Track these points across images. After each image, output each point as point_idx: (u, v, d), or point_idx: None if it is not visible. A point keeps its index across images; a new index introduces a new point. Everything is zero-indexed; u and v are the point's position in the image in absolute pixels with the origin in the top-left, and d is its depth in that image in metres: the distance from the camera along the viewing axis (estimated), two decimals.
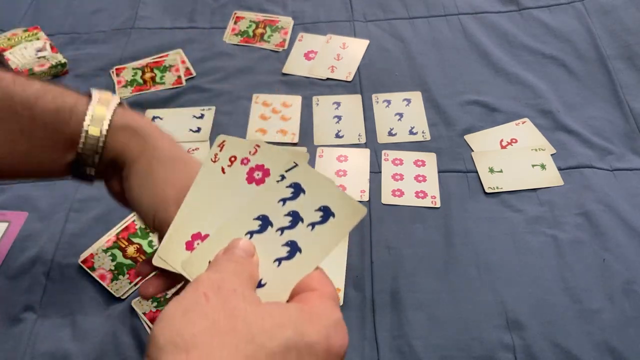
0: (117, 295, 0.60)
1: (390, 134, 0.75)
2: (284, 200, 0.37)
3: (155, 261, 0.38)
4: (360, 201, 0.67)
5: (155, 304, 0.59)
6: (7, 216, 0.67)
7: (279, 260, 0.35)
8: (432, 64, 0.84)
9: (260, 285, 0.35)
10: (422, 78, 0.82)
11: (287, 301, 0.34)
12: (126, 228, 0.65)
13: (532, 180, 0.69)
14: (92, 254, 0.63)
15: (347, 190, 0.69)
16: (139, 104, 0.79)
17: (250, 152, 0.40)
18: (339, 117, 0.78)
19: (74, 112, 0.42)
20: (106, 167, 0.44)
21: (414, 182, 0.69)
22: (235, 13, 0.93)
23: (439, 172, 0.70)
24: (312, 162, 0.72)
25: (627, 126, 0.75)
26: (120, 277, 0.61)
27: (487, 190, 0.68)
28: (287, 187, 0.37)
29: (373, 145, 0.74)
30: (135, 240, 0.64)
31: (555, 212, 0.66)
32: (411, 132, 0.75)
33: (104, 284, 0.61)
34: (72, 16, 0.94)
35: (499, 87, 0.80)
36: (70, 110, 0.42)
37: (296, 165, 0.38)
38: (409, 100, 0.79)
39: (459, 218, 0.66)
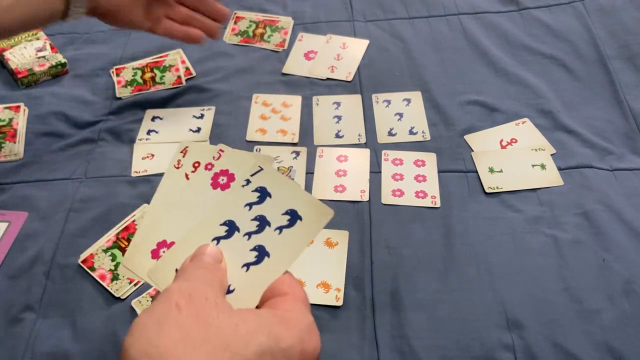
0: (117, 295, 0.60)
1: (390, 134, 0.75)
2: (250, 205, 0.37)
3: (121, 270, 0.38)
4: (360, 201, 0.67)
5: None
6: (7, 216, 0.67)
7: (247, 265, 0.35)
8: (432, 64, 0.84)
9: (229, 291, 0.34)
10: (422, 78, 0.82)
11: (258, 306, 0.34)
12: (126, 228, 0.65)
13: (532, 180, 0.69)
14: (92, 254, 0.63)
15: (347, 190, 0.69)
16: (139, 104, 0.79)
17: (214, 157, 0.40)
18: (339, 117, 0.78)
19: None
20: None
21: (414, 182, 0.69)
22: (235, 13, 0.93)
23: (439, 172, 0.70)
24: (312, 162, 0.72)
25: (627, 126, 0.75)
26: (120, 277, 0.61)
27: (487, 190, 0.68)
28: (252, 191, 0.37)
29: (373, 145, 0.74)
30: None
31: (555, 212, 0.66)
32: (411, 132, 0.75)
33: (104, 284, 0.61)
34: None
35: (499, 87, 0.80)
36: None
37: (261, 169, 0.38)
38: (409, 100, 0.79)
39: (459, 218, 0.66)
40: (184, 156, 0.40)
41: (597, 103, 0.78)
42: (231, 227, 0.36)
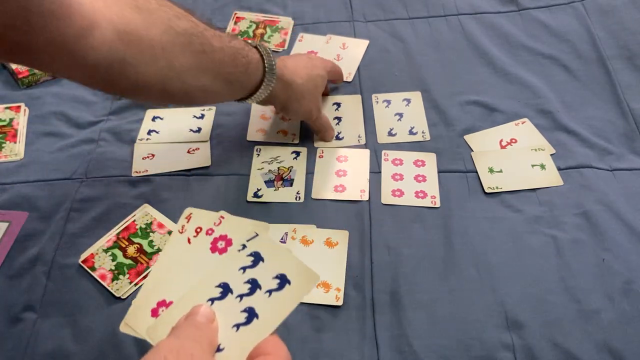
0: (118, 295, 0.60)
1: (390, 134, 0.75)
2: (244, 268, 0.39)
3: (122, 327, 0.40)
4: (360, 201, 0.68)
5: None
6: (7, 216, 0.67)
7: (237, 326, 0.37)
8: (432, 64, 0.84)
9: (219, 349, 0.36)
10: (422, 78, 0.82)
11: None
12: (126, 228, 0.66)
13: (532, 180, 0.69)
14: (92, 254, 0.63)
15: (347, 190, 0.69)
16: (140, 105, 0.80)
17: (215, 223, 0.43)
18: (339, 119, 0.78)
19: (259, 64, 0.63)
20: (265, 101, 0.67)
21: (414, 182, 0.69)
22: (235, 13, 0.93)
23: (439, 172, 0.71)
24: (312, 162, 0.72)
25: (626, 126, 0.75)
26: (121, 277, 0.61)
27: (487, 190, 0.68)
28: (247, 255, 0.40)
29: (373, 145, 0.74)
30: (136, 240, 0.64)
31: (554, 212, 0.66)
32: (411, 132, 0.75)
33: (105, 284, 0.61)
34: None
35: (499, 87, 0.81)
36: (257, 63, 0.62)
37: (257, 235, 0.40)
38: (408, 100, 0.80)
39: (459, 218, 0.66)
40: (188, 222, 0.44)
41: (597, 103, 0.78)
42: (225, 289, 0.39)
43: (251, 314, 0.37)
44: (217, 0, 0.96)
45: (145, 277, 0.61)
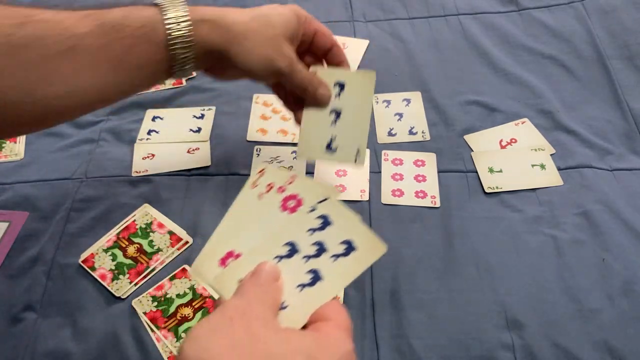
0: (118, 295, 0.60)
1: (390, 134, 0.76)
2: (312, 230, 0.40)
3: (192, 272, 0.41)
4: (360, 201, 0.68)
5: (155, 303, 0.59)
6: (7, 216, 0.67)
7: (302, 286, 0.38)
8: (432, 64, 0.84)
9: (282, 307, 0.37)
10: (422, 78, 0.82)
11: (305, 327, 0.36)
12: (126, 228, 0.66)
13: (532, 180, 0.69)
14: (92, 254, 0.63)
15: (347, 190, 0.69)
16: (139, 104, 0.80)
17: (286, 182, 0.43)
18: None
19: (155, 24, 0.48)
20: (198, 60, 0.51)
21: (414, 182, 0.69)
22: None
23: (439, 172, 0.71)
24: (312, 162, 0.72)
25: (626, 126, 0.75)
26: (121, 276, 0.61)
27: (487, 190, 0.68)
28: (316, 217, 0.40)
29: (373, 145, 0.74)
30: (136, 240, 0.64)
31: (554, 212, 0.66)
32: (411, 132, 0.75)
33: (105, 284, 0.61)
34: None
35: (499, 87, 0.81)
36: (152, 23, 0.48)
37: (327, 199, 0.41)
38: (408, 100, 0.80)
39: (459, 218, 0.66)
40: (260, 177, 0.44)
41: (597, 103, 0.78)
42: (292, 248, 0.39)
43: (316, 276, 0.38)
44: (216, 0, 0.96)
45: (145, 277, 0.61)
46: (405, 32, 0.89)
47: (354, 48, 0.87)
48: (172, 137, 0.76)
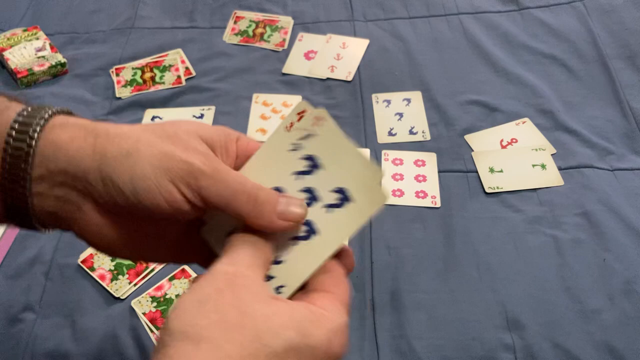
0: (117, 295, 0.60)
1: (390, 134, 0.75)
2: (299, 174, 0.34)
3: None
4: None
5: (155, 304, 0.59)
6: None
7: (296, 239, 0.33)
8: (432, 63, 0.84)
9: (277, 262, 0.33)
10: (422, 78, 0.82)
11: (304, 289, 0.34)
12: None
13: (533, 180, 0.69)
14: (91, 254, 0.63)
15: None
16: (139, 104, 0.79)
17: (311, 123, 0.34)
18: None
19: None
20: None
21: (414, 182, 0.69)
22: (235, 13, 0.93)
23: (439, 172, 0.70)
24: None
25: (627, 126, 0.75)
26: (120, 277, 0.61)
27: (487, 190, 0.68)
28: (301, 158, 0.34)
29: (373, 145, 0.74)
30: None
31: (555, 212, 0.66)
32: (411, 132, 0.75)
33: (104, 284, 0.61)
34: (72, 16, 0.94)
35: (499, 87, 0.80)
36: None
37: (311, 134, 0.33)
38: (409, 100, 0.79)
39: (459, 218, 0.66)
40: (300, 120, 0.35)
41: (598, 103, 0.78)
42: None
43: (310, 228, 0.33)
44: (216, 0, 0.96)
45: (144, 277, 0.61)
46: (405, 31, 0.89)
47: (354, 48, 0.87)
48: None
